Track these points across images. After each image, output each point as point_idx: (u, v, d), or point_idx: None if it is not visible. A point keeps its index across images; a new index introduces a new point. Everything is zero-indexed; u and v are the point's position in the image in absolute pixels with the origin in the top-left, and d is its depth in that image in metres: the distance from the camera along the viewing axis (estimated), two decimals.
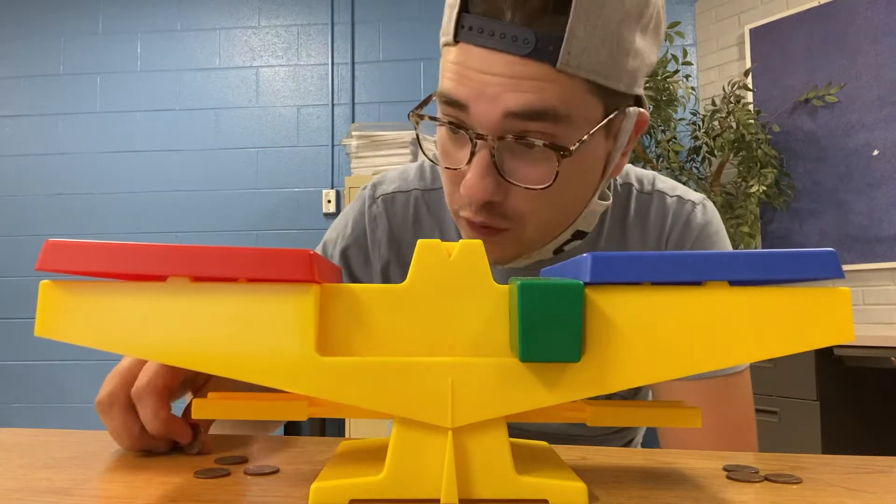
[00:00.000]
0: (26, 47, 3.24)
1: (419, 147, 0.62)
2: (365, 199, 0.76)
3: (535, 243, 0.62)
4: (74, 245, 0.32)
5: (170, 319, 0.32)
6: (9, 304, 3.14)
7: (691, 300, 0.32)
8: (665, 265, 0.31)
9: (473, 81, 0.53)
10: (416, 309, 0.34)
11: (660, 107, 2.53)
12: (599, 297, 0.32)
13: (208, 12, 3.21)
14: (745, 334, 0.31)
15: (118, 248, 0.32)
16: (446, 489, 0.32)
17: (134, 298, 0.32)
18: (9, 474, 0.41)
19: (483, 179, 0.54)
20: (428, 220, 0.75)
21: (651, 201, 0.71)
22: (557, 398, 0.32)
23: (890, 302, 2.40)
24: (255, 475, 0.40)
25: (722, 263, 0.31)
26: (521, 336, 0.30)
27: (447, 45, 0.57)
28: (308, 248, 0.33)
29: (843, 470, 0.42)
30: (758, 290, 0.32)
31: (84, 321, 0.32)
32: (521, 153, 0.55)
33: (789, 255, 0.31)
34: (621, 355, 0.32)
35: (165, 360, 0.32)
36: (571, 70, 0.51)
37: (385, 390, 0.32)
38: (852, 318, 0.31)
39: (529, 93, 0.52)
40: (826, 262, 0.31)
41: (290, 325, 0.32)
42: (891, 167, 2.41)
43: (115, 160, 3.15)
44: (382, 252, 0.75)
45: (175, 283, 0.32)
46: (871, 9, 2.48)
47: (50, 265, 0.32)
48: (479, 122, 0.54)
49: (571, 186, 0.58)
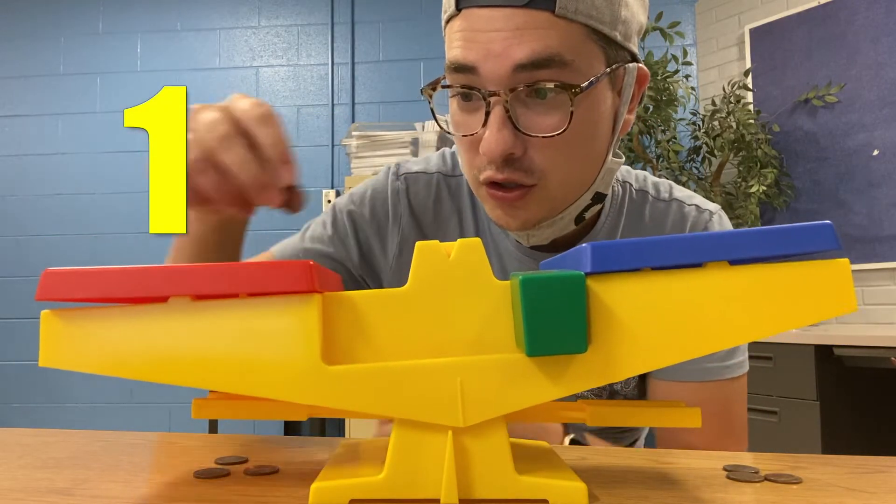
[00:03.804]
0: (26, 47, 3.24)
1: (434, 117, 0.62)
2: (388, 175, 0.77)
3: (559, 202, 0.62)
4: (73, 273, 0.32)
5: (174, 340, 0.32)
6: (9, 304, 3.14)
7: (693, 282, 0.32)
8: (665, 249, 0.31)
9: (479, 42, 0.55)
10: (419, 311, 0.34)
11: (660, 107, 2.53)
12: (601, 286, 0.32)
13: (208, 12, 3.21)
14: (748, 312, 0.31)
15: (117, 273, 0.32)
16: (446, 489, 0.32)
17: (136, 322, 0.32)
18: (9, 474, 0.41)
19: (500, 132, 0.56)
20: (448, 203, 0.75)
21: (668, 209, 0.72)
22: (566, 390, 0.32)
23: (890, 302, 2.40)
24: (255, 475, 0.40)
25: (721, 243, 0.31)
26: (527, 331, 0.30)
27: (451, 19, 0.59)
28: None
29: (843, 470, 0.42)
30: (758, 267, 0.32)
31: (88, 349, 0.32)
32: (534, 104, 0.56)
33: (787, 230, 0.31)
34: (627, 343, 0.32)
35: (173, 380, 0.32)
36: (570, 15, 0.54)
37: (394, 395, 0.32)
38: (853, 289, 0.31)
39: (533, 41, 0.54)
40: (823, 235, 0.31)
41: (294, 337, 0.32)
42: (891, 167, 2.41)
43: (115, 160, 3.15)
44: (403, 225, 0.75)
45: (176, 303, 0.32)
46: (871, 9, 2.48)
47: (49, 294, 0.32)
48: (489, 80, 0.55)
49: (586, 137, 0.59)
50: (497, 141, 0.55)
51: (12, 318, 3.14)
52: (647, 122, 2.56)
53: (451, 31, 0.58)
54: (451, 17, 0.58)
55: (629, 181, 0.74)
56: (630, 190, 0.73)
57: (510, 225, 0.62)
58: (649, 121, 2.55)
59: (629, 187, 0.73)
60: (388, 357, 0.34)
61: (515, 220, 0.61)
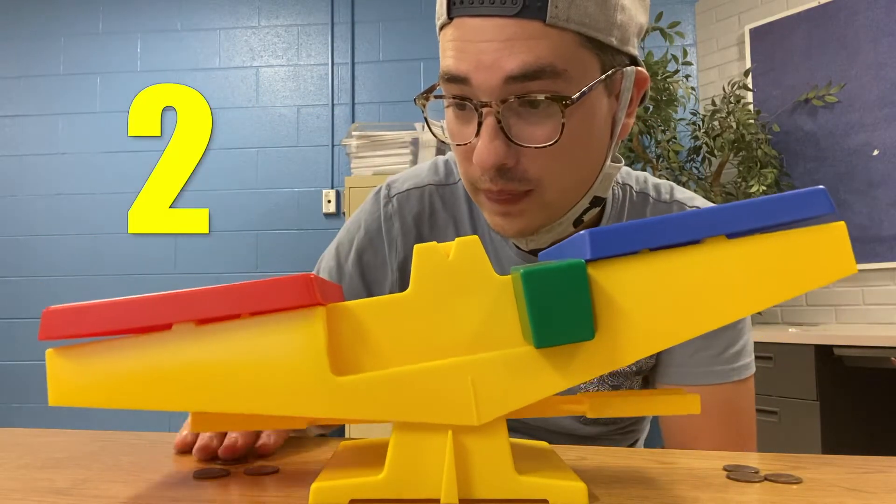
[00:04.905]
0: (26, 47, 3.24)
1: (427, 126, 0.62)
2: (380, 200, 0.76)
3: (556, 208, 0.62)
4: (73, 309, 0.32)
5: (181, 366, 0.32)
6: (9, 305, 3.14)
7: (692, 259, 0.32)
8: (662, 229, 0.31)
9: (471, 53, 0.55)
10: (423, 314, 0.34)
11: (660, 107, 2.53)
12: (602, 273, 0.32)
13: (208, 12, 3.21)
14: (749, 284, 0.31)
15: (118, 306, 0.32)
16: (446, 489, 0.32)
17: (142, 352, 0.32)
18: (9, 474, 0.41)
19: (492, 143, 0.55)
20: (442, 214, 0.75)
21: (670, 211, 0.72)
22: (576, 379, 0.32)
23: (890, 302, 2.39)
24: (255, 475, 0.40)
25: (716, 218, 0.31)
26: (533, 323, 0.30)
27: (444, 28, 0.58)
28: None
29: (843, 470, 0.42)
30: (756, 238, 0.32)
31: (96, 384, 0.32)
32: (526, 115, 0.56)
33: (781, 199, 0.31)
34: (632, 326, 0.32)
35: (184, 407, 0.32)
36: (561, 24, 0.53)
37: (406, 400, 0.32)
38: (852, 252, 0.31)
39: (524, 53, 0.53)
40: (817, 199, 0.31)
41: (302, 351, 0.32)
42: (891, 167, 2.41)
43: (114, 160, 3.15)
44: (399, 249, 0.75)
45: (180, 329, 0.32)
46: (871, 9, 2.48)
47: (52, 333, 0.32)
48: (481, 91, 0.55)
49: (580, 144, 0.58)
50: (489, 152, 0.55)
51: (12, 318, 3.14)
52: (647, 122, 2.56)
53: (444, 40, 0.58)
54: (444, 24, 0.58)
55: (629, 183, 0.74)
56: (630, 192, 0.73)
57: (508, 232, 0.63)
58: (649, 121, 2.55)
59: (629, 189, 0.73)
60: (396, 363, 0.34)
61: (513, 227, 0.62)
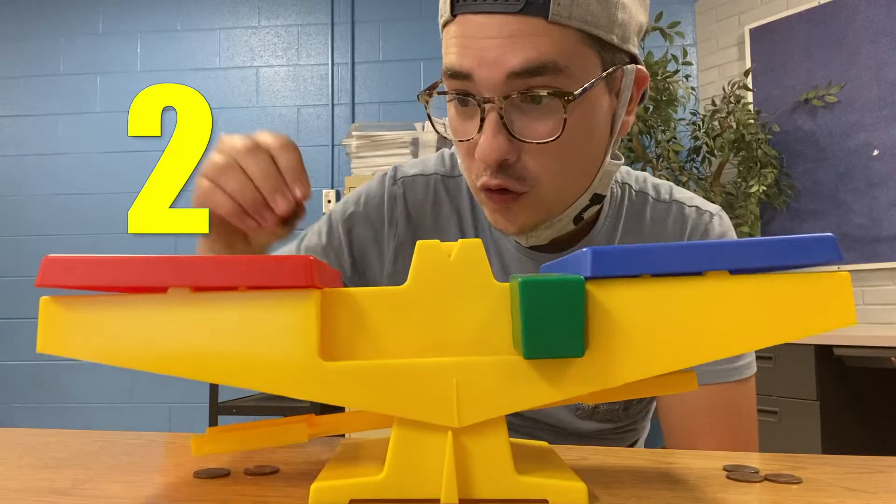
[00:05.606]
0: (26, 47, 3.24)
1: (430, 123, 0.63)
2: (385, 181, 0.76)
3: (555, 206, 0.62)
4: (73, 260, 0.32)
5: (172, 331, 0.32)
6: (9, 304, 3.14)
7: (693, 291, 0.32)
8: (665, 256, 0.31)
9: (474, 49, 0.55)
10: (418, 310, 0.34)
11: (660, 107, 2.53)
12: (601, 291, 0.32)
13: (208, 12, 3.21)
14: (747, 322, 0.31)
15: (118, 262, 0.32)
16: (446, 489, 0.32)
17: (135, 311, 0.32)
18: (9, 474, 0.41)
19: (495, 138, 0.56)
20: (447, 205, 0.75)
21: (669, 211, 0.72)
22: (562, 394, 0.32)
23: (890, 302, 2.40)
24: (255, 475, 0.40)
25: (722, 253, 0.31)
26: (525, 333, 0.30)
27: (447, 25, 0.59)
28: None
29: (843, 470, 0.42)
30: (758, 277, 0.31)
31: (85, 336, 0.32)
32: (529, 110, 0.57)
33: (789, 242, 0.31)
34: (624, 349, 0.32)
35: (169, 371, 0.32)
36: (563, 21, 0.54)
37: (390, 393, 0.32)
38: (853, 302, 0.31)
39: (526, 49, 0.54)
40: (826, 247, 0.31)
41: (292, 332, 0.32)
42: (891, 167, 2.41)
43: (114, 160, 3.15)
44: (399, 231, 0.75)
45: (176, 294, 0.32)
46: (871, 9, 2.48)
47: (49, 281, 0.32)
48: (484, 87, 0.56)
49: (581, 141, 0.59)
50: (491, 147, 0.56)
51: (12, 318, 3.14)
52: (647, 122, 2.56)
53: (448, 37, 0.59)
54: (447, 21, 0.59)
55: (629, 183, 0.74)
56: (629, 191, 0.73)
57: (507, 229, 0.63)
58: (649, 121, 2.55)
59: (628, 189, 0.73)
60: (386, 354, 0.34)
61: (513, 224, 0.62)
